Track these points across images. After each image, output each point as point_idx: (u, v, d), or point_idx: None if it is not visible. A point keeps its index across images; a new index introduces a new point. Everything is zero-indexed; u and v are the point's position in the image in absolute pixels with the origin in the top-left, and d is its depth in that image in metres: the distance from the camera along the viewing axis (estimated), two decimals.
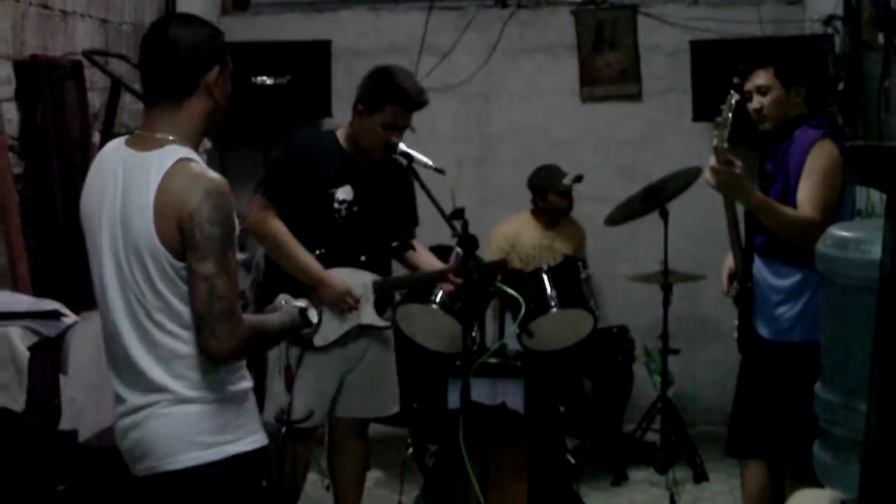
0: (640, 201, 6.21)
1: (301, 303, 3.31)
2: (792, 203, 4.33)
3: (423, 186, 4.33)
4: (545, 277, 5.44)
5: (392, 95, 4.65)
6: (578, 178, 6.63)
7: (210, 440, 2.99)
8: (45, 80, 5.14)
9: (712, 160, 4.37)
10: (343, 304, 4.68)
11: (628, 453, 6.54)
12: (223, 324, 2.91)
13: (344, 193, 4.72)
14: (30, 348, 4.01)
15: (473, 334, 5.20)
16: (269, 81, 6.99)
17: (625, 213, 6.34)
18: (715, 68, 6.49)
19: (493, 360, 5.24)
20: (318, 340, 4.69)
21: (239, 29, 7.58)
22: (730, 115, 4.27)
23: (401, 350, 5.53)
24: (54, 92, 5.16)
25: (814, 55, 6.35)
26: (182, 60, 3.01)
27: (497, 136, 7.56)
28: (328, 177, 4.73)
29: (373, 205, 4.78)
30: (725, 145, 4.30)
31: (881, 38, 5.85)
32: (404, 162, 4.53)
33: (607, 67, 7.42)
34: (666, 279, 6.35)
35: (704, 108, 6.75)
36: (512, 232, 6.68)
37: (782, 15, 7.24)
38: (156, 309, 2.96)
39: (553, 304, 5.37)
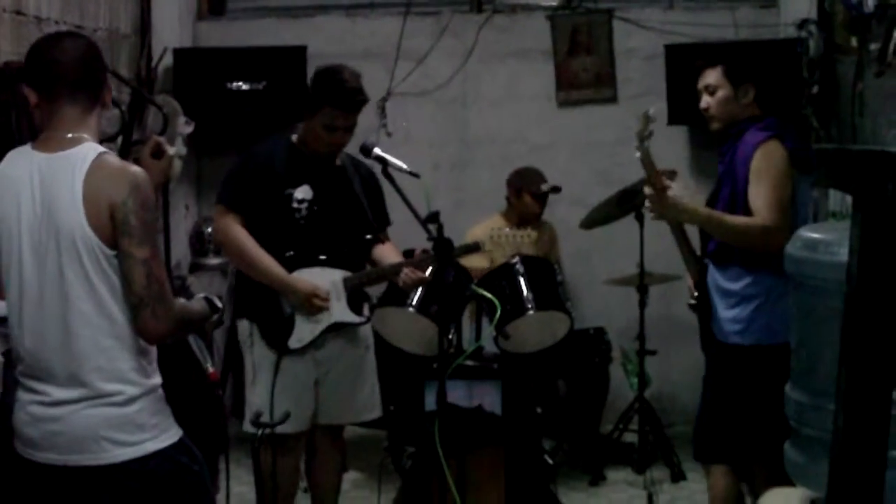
0: (616, 205, 6.24)
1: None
2: (741, 206, 4.30)
3: (399, 190, 4.34)
4: (521, 278, 5.45)
5: (327, 97, 4.64)
6: (556, 189, 6.67)
7: (136, 438, 3.14)
8: (19, 87, 5.12)
9: (647, 189, 4.40)
10: (310, 306, 4.68)
11: (606, 454, 6.56)
12: (161, 304, 3.09)
13: (302, 193, 4.72)
14: (3, 353, 4.00)
15: (450, 336, 5.22)
16: (244, 87, 6.99)
17: (600, 217, 6.36)
18: (690, 72, 6.47)
19: (469, 363, 5.24)
20: (294, 343, 4.70)
21: (215, 35, 7.59)
22: (646, 128, 4.28)
23: (378, 352, 5.53)
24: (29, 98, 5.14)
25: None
26: (98, 70, 3.24)
27: (473, 141, 7.58)
28: (284, 178, 4.73)
29: (335, 203, 4.78)
30: (650, 158, 4.33)
31: (854, 42, 5.89)
32: (378, 165, 4.53)
33: (583, 72, 7.44)
34: (642, 281, 6.38)
35: (680, 112, 6.79)
36: (483, 234, 6.71)
37: (757, 19, 7.28)
38: (84, 301, 3.09)
39: (530, 306, 5.38)
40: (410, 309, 5.10)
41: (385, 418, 5.67)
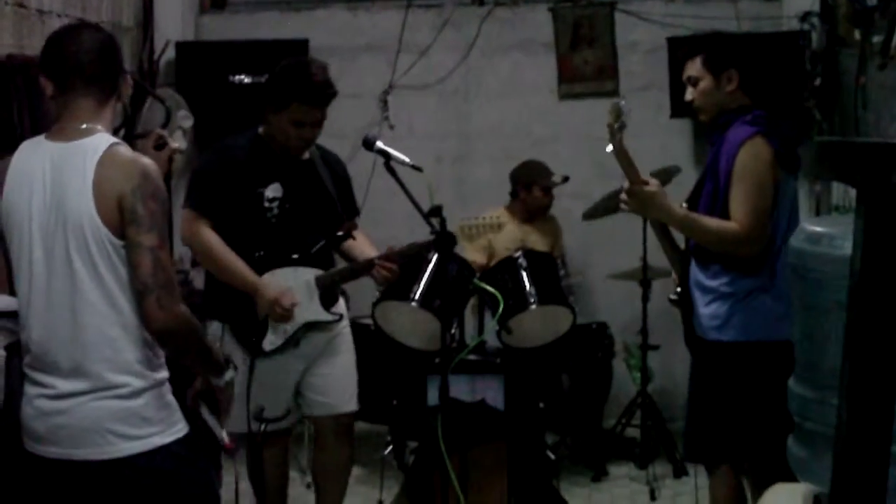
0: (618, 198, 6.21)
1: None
2: (721, 205, 4.19)
3: (401, 184, 4.30)
4: (523, 272, 5.44)
5: (295, 93, 4.57)
6: (565, 179, 6.68)
7: (142, 432, 3.12)
8: (21, 80, 5.13)
9: (626, 183, 4.31)
10: (273, 313, 4.60)
11: (608, 449, 6.57)
12: (167, 293, 3.05)
13: (273, 191, 4.67)
14: (5, 348, 4.00)
15: (452, 331, 5.21)
16: (246, 80, 7.00)
17: (601, 208, 6.35)
18: None
19: (472, 357, 5.25)
20: (267, 345, 4.66)
21: (216, 28, 7.59)
22: (617, 120, 4.09)
23: (380, 347, 5.53)
24: (30, 91, 5.15)
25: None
26: (115, 62, 3.23)
27: (475, 134, 7.58)
28: (254, 176, 4.66)
29: (306, 199, 4.74)
30: (625, 151, 4.19)
31: (857, 35, 5.88)
32: (381, 158, 4.47)
33: (585, 65, 7.44)
34: (645, 275, 6.38)
35: (682, 105, 6.73)
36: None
37: (759, 11, 7.26)
38: (91, 290, 3.08)
39: (532, 300, 5.37)
40: (413, 303, 5.08)
41: (387, 413, 5.67)
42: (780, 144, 4.19)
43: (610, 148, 4.18)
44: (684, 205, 4.39)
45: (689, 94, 4.43)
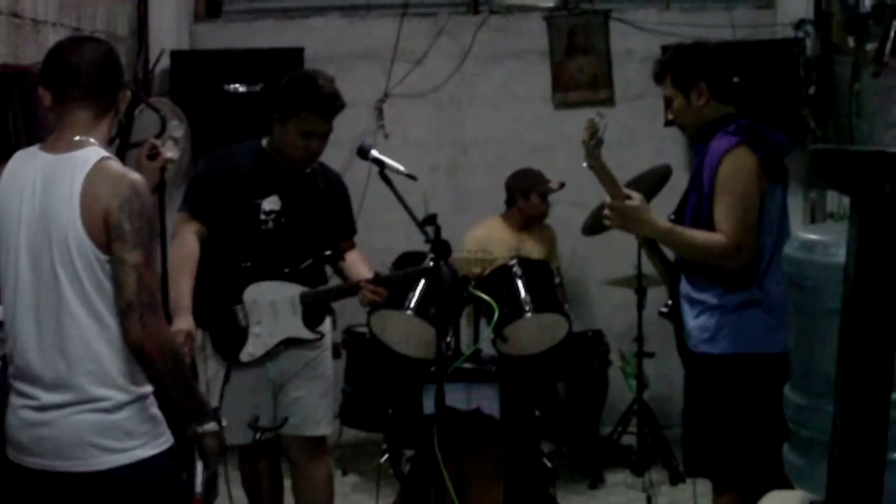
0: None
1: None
2: (706, 217, 4.13)
3: (396, 192, 4.29)
4: (518, 280, 5.44)
5: (305, 102, 4.55)
6: (562, 185, 6.67)
7: (124, 445, 3.10)
8: (16, 90, 5.12)
9: (608, 198, 4.27)
10: None
11: (605, 456, 6.57)
12: (150, 312, 3.04)
13: (271, 204, 4.65)
14: (1, 358, 3.99)
15: (448, 339, 5.21)
16: (241, 89, 6.99)
17: (601, 225, 6.33)
18: None
19: (467, 366, 5.24)
20: (245, 356, 4.64)
21: (211, 36, 7.59)
22: (592, 137, 4.10)
23: (375, 355, 5.53)
24: (25, 101, 5.14)
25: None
26: (115, 76, 3.23)
27: (470, 142, 7.58)
28: (252, 188, 4.64)
29: (303, 214, 4.71)
30: (603, 165, 4.17)
31: (851, 42, 5.90)
32: (375, 167, 4.46)
33: (580, 73, 7.45)
34: (640, 283, 6.38)
35: None
36: (483, 236, 6.69)
37: (754, 19, 7.28)
38: (76, 304, 3.06)
39: (527, 308, 5.38)
40: (408, 312, 5.09)
41: (383, 421, 5.67)
42: (765, 153, 4.12)
43: (585, 164, 4.17)
44: (672, 217, 4.36)
45: (670, 113, 4.41)
